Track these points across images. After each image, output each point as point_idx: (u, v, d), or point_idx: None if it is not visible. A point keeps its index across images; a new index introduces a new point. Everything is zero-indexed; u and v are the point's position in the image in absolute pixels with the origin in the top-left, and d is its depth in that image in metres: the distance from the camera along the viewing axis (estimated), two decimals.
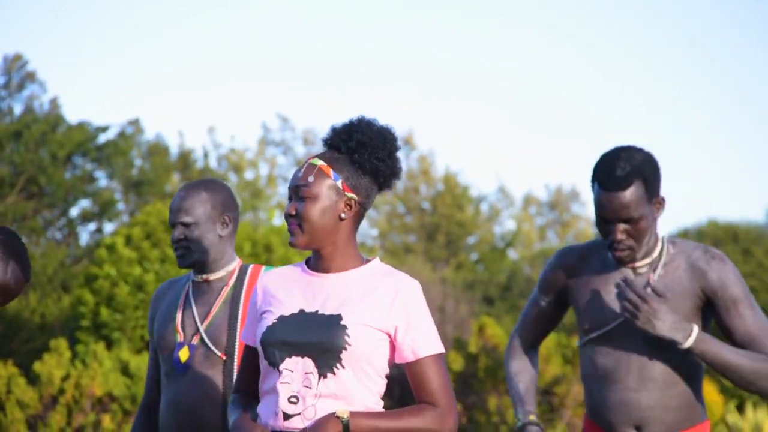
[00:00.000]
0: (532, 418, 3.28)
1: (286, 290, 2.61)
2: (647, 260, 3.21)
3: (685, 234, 20.42)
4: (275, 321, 2.55)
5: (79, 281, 13.81)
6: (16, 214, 20.53)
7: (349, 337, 2.50)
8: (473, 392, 14.76)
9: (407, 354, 2.55)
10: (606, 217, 3.14)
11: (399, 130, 2.69)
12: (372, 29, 38.49)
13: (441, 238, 26.95)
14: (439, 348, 2.58)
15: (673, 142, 34.67)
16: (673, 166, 35.00)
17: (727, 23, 36.29)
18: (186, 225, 3.28)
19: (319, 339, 2.51)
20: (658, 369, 3.17)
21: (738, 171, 37.49)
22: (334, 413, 2.47)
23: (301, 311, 2.55)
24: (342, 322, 2.51)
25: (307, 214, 2.57)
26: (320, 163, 2.58)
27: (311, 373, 2.50)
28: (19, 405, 11.80)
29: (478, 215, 28.35)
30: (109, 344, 13.19)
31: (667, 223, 40.09)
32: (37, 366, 11.99)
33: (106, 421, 11.91)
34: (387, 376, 2.59)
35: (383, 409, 2.57)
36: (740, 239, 19.64)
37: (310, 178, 2.57)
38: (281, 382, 2.51)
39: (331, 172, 2.57)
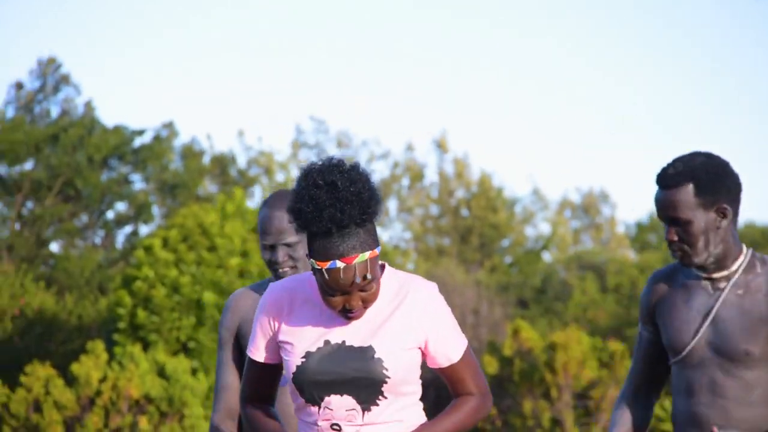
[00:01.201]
0: None
1: (303, 315, 2.51)
2: (724, 272, 3.10)
3: None
4: (303, 359, 2.45)
5: (117, 283, 13.87)
6: (53, 217, 20.69)
7: (387, 369, 2.44)
8: (508, 396, 14.71)
9: (441, 361, 2.53)
10: (659, 216, 3.12)
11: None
12: (407, 33, 38.51)
13: (475, 240, 26.91)
14: (465, 343, 2.55)
15: (715, 142, 34.44)
16: None
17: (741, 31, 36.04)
18: (290, 245, 3.26)
19: (355, 376, 2.44)
20: (729, 387, 3.13)
21: None
22: None
23: (327, 343, 2.46)
24: (376, 356, 2.45)
25: (375, 296, 2.45)
26: (368, 254, 2.40)
27: (354, 409, 2.45)
28: (56, 406, 11.88)
29: (512, 218, 28.29)
30: (146, 346, 13.26)
31: None
32: (75, 367, 12.06)
33: (143, 422, 11.97)
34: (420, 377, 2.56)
35: (422, 407, 2.55)
36: None
37: (368, 275, 2.40)
38: (323, 419, 2.47)
39: (377, 250, 2.43)
